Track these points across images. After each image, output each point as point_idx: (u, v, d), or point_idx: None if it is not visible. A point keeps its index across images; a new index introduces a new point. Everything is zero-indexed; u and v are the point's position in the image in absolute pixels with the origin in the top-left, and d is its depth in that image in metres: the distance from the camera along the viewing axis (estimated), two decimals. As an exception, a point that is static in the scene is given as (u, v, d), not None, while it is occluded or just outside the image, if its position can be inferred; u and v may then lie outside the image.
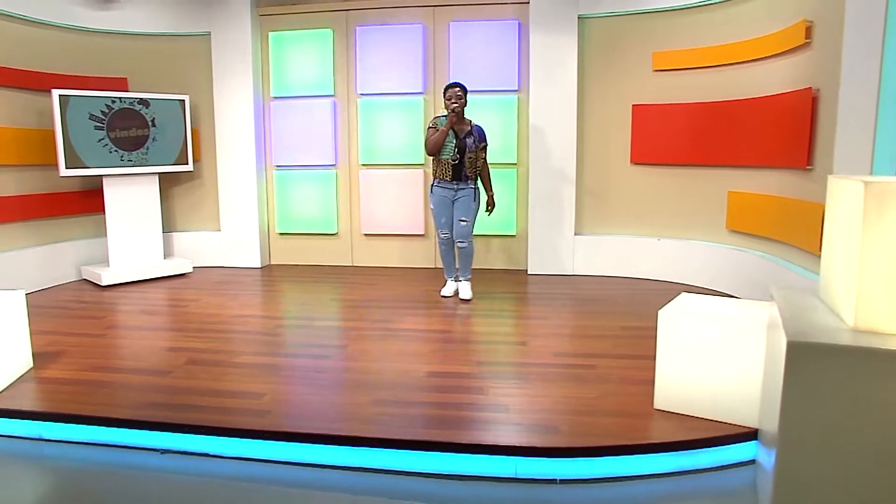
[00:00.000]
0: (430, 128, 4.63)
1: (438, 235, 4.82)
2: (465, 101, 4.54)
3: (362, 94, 5.94)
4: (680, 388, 2.82)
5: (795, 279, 4.00)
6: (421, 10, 5.77)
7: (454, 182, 4.63)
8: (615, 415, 2.85)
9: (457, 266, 4.91)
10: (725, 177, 4.95)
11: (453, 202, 4.70)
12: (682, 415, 2.81)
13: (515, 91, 5.72)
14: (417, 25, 5.77)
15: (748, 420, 2.69)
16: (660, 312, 2.85)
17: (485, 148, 4.69)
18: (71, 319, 4.37)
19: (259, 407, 2.91)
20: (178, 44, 6.00)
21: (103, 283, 5.33)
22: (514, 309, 4.67)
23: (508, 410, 2.88)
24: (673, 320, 2.81)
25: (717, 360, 2.72)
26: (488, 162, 4.79)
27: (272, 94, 6.08)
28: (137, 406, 2.92)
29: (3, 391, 3.07)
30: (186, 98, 5.83)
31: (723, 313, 2.82)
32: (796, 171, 4.10)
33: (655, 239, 5.44)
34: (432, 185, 4.75)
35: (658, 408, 2.89)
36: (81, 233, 5.76)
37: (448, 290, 4.92)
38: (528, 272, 5.78)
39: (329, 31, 5.90)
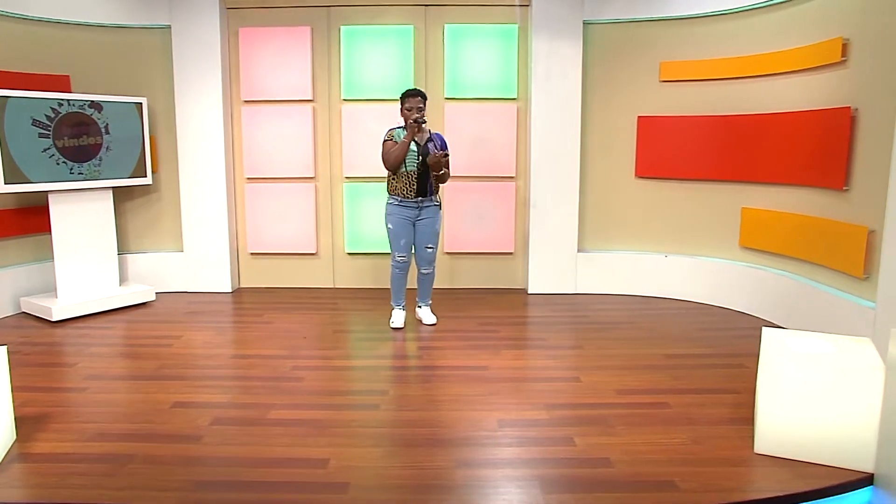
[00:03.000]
0: (386, 141, 4.33)
1: (395, 258, 4.47)
2: (425, 113, 4.30)
3: (346, 100, 5.56)
4: (784, 432, 2.75)
5: (829, 300, 4.07)
6: (412, 10, 5.46)
7: (417, 199, 4.34)
8: (720, 463, 2.73)
9: (417, 293, 4.70)
10: (738, 192, 5.01)
11: (415, 223, 4.42)
12: (788, 459, 2.74)
13: (514, 99, 5.54)
14: (408, 27, 5.46)
15: (862, 464, 2.65)
16: (762, 355, 2.79)
17: (447, 157, 4.34)
18: (34, 368, 3.75)
19: (330, 478, 2.55)
20: (131, 37, 5.36)
21: (54, 319, 4.65)
22: (538, 337, 4.49)
23: (611, 465, 2.69)
24: (776, 362, 2.74)
25: (827, 402, 2.67)
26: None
27: (243, 98, 5.56)
28: (181, 489, 2.48)
29: (-6, 477, 2.53)
30: (144, 101, 5.21)
31: (827, 353, 2.79)
32: (829, 191, 4.18)
33: (661, 255, 5.44)
34: (389, 204, 4.41)
35: (759, 452, 2.81)
36: (18, 258, 5.03)
37: (398, 320, 4.58)
38: (529, 291, 5.63)
39: (307, 28, 5.47)
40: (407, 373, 3.77)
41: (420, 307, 4.72)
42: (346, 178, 5.65)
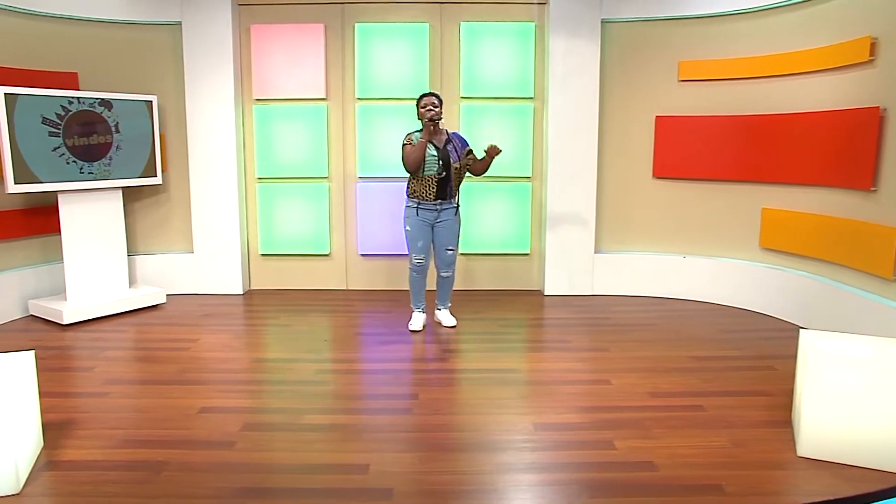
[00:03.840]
0: (405, 144, 4.31)
1: (412, 261, 4.46)
2: (441, 111, 4.28)
3: (361, 99, 5.52)
4: (828, 435, 2.75)
5: (855, 301, 4.09)
6: (427, 8, 5.44)
7: (437, 201, 4.33)
8: (764, 466, 2.72)
9: (437, 295, 4.69)
10: (758, 193, 5.02)
11: (433, 225, 4.40)
12: (832, 463, 2.74)
13: (531, 99, 5.52)
14: (423, 25, 5.43)
15: (909, 466, 2.66)
16: (801, 357, 2.80)
17: (470, 151, 4.39)
18: (51, 373, 3.69)
19: (372, 484, 2.53)
20: (141, 34, 5.30)
21: (65, 322, 4.59)
22: (560, 339, 4.46)
23: (655, 468, 2.68)
24: (819, 365, 2.74)
25: (870, 404, 2.67)
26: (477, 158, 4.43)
27: (255, 97, 5.51)
28: (220, 496, 2.44)
29: (24, 488, 2.47)
30: (154, 99, 5.16)
31: (868, 355, 2.80)
32: (855, 192, 4.19)
33: (679, 256, 5.44)
34: (408, 206, 4.40)
35: (803, 455, 2.80)
36: (25, 259, 4.96)
37: (417, 323, 4.56)
38: (545, 293, 5.61)
39: (321, 26, 5.43)
40: (433, 376, 3.74)
41: (440, 309, 4.70)
42: (360, 177, 5.61)
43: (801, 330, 3.14)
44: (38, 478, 2.55)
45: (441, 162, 4.26)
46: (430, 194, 4.30)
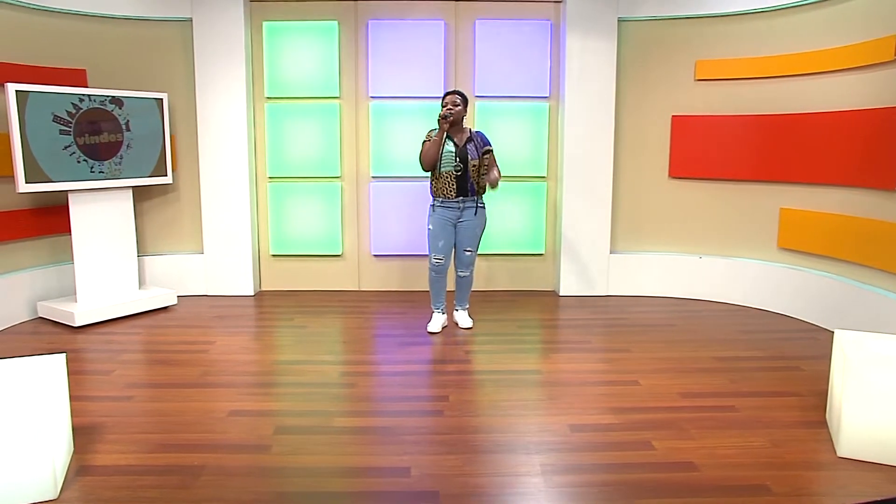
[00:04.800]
0: (424, 141, 4.33)
1: (431, 260, 4.46)
2: (465, 110, 4.30)
3: (374, 97, 5.51)
4: (870, 436, 2.77)
5: (877, 300, 4.13)
6: (442, 5, 5.44)
7: (459, 199, 4.32)
8: (807, 467, 2.75)
9: (455, 296, 4.71)
10: (776, 193, 5.05)
11: (455, 224, 4.40)
12: (874, 463, 2.76)
13: (546, 98, 5.54)
14: (438, 22, 5.43)
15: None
16: (837, 357, 2.84)
17: (489, 152, 4.39)
18: (71, 377, 3.62)
19: (417, 487, 2.52)
20: (151, 31, 5.27)
21: (77, 324, 4.54)
22: (582, 340, 4.47)
23: (697, 468, 2.69)
24: (860, 365, 2.76)
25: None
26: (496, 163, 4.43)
27: (266, 95, 5.49)
28: (263, 501, 2.43)
29: (61, 493, 2.45)
30: (165, 97, 5.12)
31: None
32: (877, 192, 4.23)
33: (696, 257, 5.47)
34: (432, 205, 4.41)
35: (843, 456, 2.82)
36: (34, 260, 4.91)
37: (436, 324, 4.55)
38: (560, 294, 5.63)
39: (334, 23, 5.42)
40: (459, 377, 3.73)
41: (457, 310, 4.70)
42: (374, 176, 5.60)
43: (835, 331, 3.16)
44: (73, 483, 2.52)
45: (458, 159, 4.26)
46: (450, 191, 4.30)
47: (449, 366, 3.95)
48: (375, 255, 5.71)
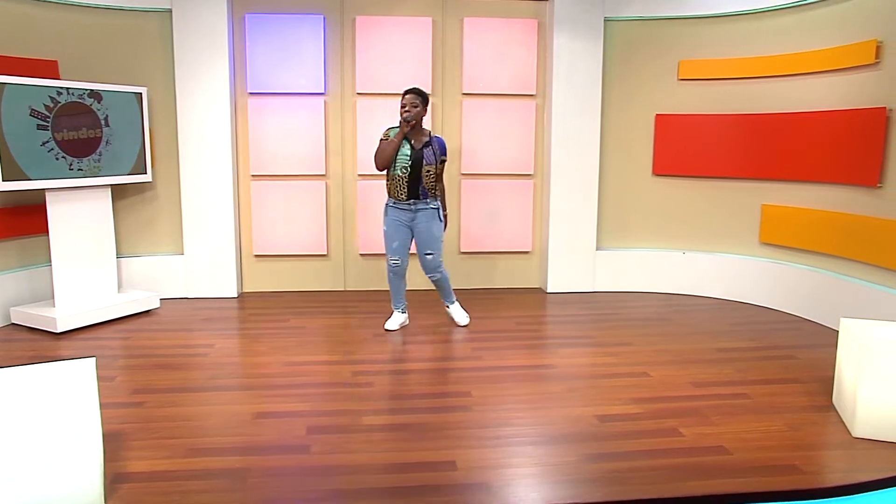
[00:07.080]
0: (381, 140, 4.41)
1: (388, 262, 4.52)
2: (424, 110, 4.36)
3: (361, 94, 5.54)
4: (884, 416, 3.01)
5: (862, 292, 4.46)
6: (430, 2, 5.52)
7: (410, 201, 4.39)
8: (828, 447, 2.99)
9: (439, 296, 4.82)
10: (758, 190, 5.36)
11: (410, 226, 4.47)
12: (889, 442, 2.99)
13: (533, 96, 5.69)
14: (426, 19, 5.51)
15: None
16: (844, 344, 3.17)
17: (443, 162, 4.49)
18: (69, 384, 3.54)
19: (467, 480, 2.60)
20: (127, 21, 5.14)
21: (58, 330, 4.40)
22: (583, 335, 4.64)
23: (729, 452, 2.88)
24: (871, 351, 3.00)
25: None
26: (443, 178, 4.58)
27: (249, 90, 5.44)
28: (323, 499, 2.46)
29: (106, 502, 2.41)
30: (144, 91, 5.02)
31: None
32: (860, 188, 4.56)
33: (679, 252, 5.74)
34: (385, 205, 4.49)
35: (858, 436, 3.06)
36: (2, 264, 4.71)
37: (394, 323, 4.62)
38: (548, 290, 5.79)
39: (320, 17, 5.42)
40: (475, 374, 3.82)
41: (448, 307, 4.77)
42: (360, 175, 5.62)
43: (841, 319, 3.40)
44: (116, 490, 2.50)
45: (411, 161, 4.32)
46: (401, 194, 4.36)
47: (459, 363, 4.05)
48: (363, 255, 5.73)
